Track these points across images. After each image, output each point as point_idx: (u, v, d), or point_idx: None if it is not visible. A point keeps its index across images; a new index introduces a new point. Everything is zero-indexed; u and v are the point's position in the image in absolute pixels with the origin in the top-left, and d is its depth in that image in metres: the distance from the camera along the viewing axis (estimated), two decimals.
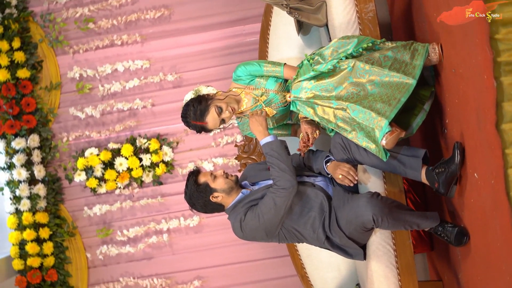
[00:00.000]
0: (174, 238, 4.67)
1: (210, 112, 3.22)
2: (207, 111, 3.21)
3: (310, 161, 3.40)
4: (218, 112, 3.22)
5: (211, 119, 3.22)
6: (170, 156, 4.64)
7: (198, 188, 3.20)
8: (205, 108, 3.21)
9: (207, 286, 4.65)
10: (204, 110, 3.21)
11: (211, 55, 4.64)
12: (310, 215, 3.23)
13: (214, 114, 3.22)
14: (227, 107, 3.25)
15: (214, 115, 3.22)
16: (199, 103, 3.23)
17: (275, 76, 3.36)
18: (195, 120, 3.22)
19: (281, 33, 3.98)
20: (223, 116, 3.24)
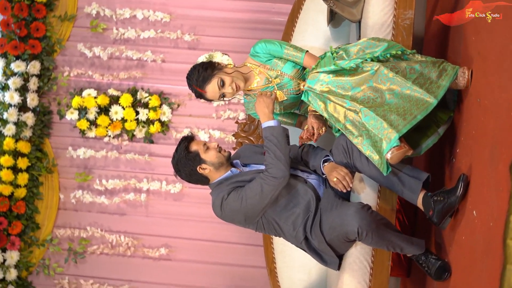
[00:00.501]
0: (152, 200, 4.57)
1: (211, 82, 3.12)
2: (209, 81, 3.12)
3: (308, 156, 3.28)
4: (220, 85, 3.12)
5: (210, 89, 3.13)
6: (168, 116, 4.52)
7: (187, 155, 3.10)
8: (208, 77, 3.12)
9: (173, 256, 4.55)
10: (207, 78, 3.11)
11: (234, 25, 4.53)
12: (294, 211, 3.13)
13: (215, 85, 3.12)
14: (231, 82, 3.15)
15: (214, 87, 3.12)
16: (205, 70, 3.13)
17: (294, 61, 3.26)
18: (196, 85, 3.13)
19: (311, 20, 3.86)
20: (224, 90, 3.14)
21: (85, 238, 4.54)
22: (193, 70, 3.17)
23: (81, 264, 4.59)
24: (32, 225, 4.51)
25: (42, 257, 4.57)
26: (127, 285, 4.52)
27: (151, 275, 4.55)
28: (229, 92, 3.15)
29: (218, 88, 3.12)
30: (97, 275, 4.57)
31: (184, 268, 4.53)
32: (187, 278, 4.52)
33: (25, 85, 4.54)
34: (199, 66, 3.16)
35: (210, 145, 3.14)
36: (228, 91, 3.14)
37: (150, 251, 4.51)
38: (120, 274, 4.56)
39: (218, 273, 4.52)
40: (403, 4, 3.21)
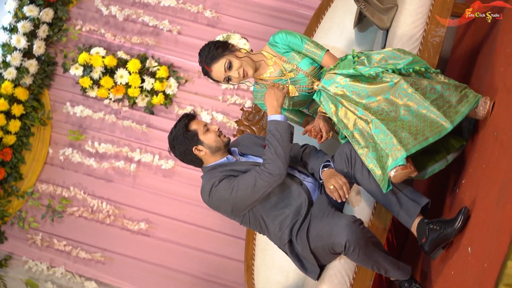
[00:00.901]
0: (141, 172, 4.47)
1: (218, 62, 3.05)
2: (217, 60, 3.05)
3: (309, 158, 3.18)
4: (226, 67, 3.05)
5: (216, 69, 3.07)
6: (173, 90, 4.41)
7: (185, 133, 3.01)
8: (216, 56, 3.05)
9: (151, 233, 4.46)
10: (215, 57, 3.05)
11: (258, 10, 4.42)
12: (284, 211, 3.04)
13: (222, 66, 3.05)
14: (239, 67, 3.07)
15: (220, 67, 3.06)
16: (216, 48, 3.06)
17: (312, 58, 3.16)
18: (204, 61, 3.08)
19: (337, 19, 3.76)
20: (230, 73, 3.07)
21: (66, 198, 4.44)
22: (205, 46, 3.11)
23: (57, 223, 4.48)
24: (16, 175, 4.40)
25: (20, 209, 4.47)
26: (100, 253, 4.42)
27: (126, 248, 4.45)
28: (235, 77, 3.07)
29: (224, 69, 3.05)
30: (72, 237, 4.47)
31: (161, 246, 4.43)
32: (162, 258, 4.42)
33: (34, 31, 4.43)
34: (212, 44, 3.10)
35: (210, 127, 3.06)
36: (234, 75, 3.06)
37: (130, 223, 4.41)
38: (95, 241, 4.45)
39: (194, 258, 4.42)
40: (435, 21, 3.09)
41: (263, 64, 3.19)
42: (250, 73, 3.11)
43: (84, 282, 4.41)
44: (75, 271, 4.42)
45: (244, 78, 3.10)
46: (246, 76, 3.10)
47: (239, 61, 3.07)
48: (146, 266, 4.42)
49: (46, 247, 4.44)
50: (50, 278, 4.44)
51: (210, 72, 3.09)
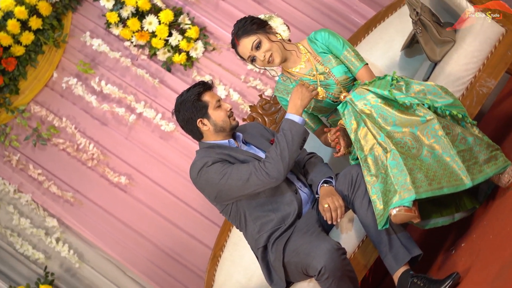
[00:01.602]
0: (138, 126, 4.30)
1: (248, 38, 2.93)
2: (247, 35, 2.93)
3: (311, 168, 3.02)
4: (255, 45, 2.92)
5: (244, 44, 2.94)
6: (198, 54, 4.24)
7: (195, 101, 2.87)
8: (249, 31, 2.93)
9: (130, 190, 4.30)
10: (247, 32, 2.93)
11: (309, 1, 4.24)
12: (268, 215, 2.89)
13: (250, 43, 2.92)
14: (267, 50, 2.94)
15: (248, 44, 2.93)
16: (251, 24, 2.94)
17: (348, 67, 3.02)
18: (235, 33, 2.97)
19: (387, 36, 3.59)
20: (256, 54, 2.94)
21: (55, 127, 4.28)
22: (243, 18, 3.00)
23: (38, 149, 4.33)
24: (13, 87, 4.23)
25: (6, 123, 4.30)
26: (72, 193, 4.26)
27: (99, 197, 4.31)
28: (260, 59, 2.94)
29: (252, 47, 2.92)
30: (49, 168, 4.31)
31: (134, 207, 4.28)
32: (132, 218, 4.28)
33: None
34: (250, 18, 2.99)
35: (223, 105, 2.92)
36: (260, 57, 2.93)
37: (111, 173, 4.24)
38: (71, 179, 4.30)
39: (164, 230, 4.28)
40: (489, 70, 2.92)
41: (295, 57, 3.05)
42: (277, 60, 2.97)
43: (46, 217, 4.26)
44: (41, 203, 4.26)
45: (269, 64, 2.97)
46: (272, 63, 2.96)
47: (269, 44, 2.93)
48: (113, 221, 4.27)
49: (20, 169, 4.29)
50: (14, 202, 4.29)
51: (237, 46, 2.97)
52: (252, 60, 2.98)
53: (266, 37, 2.94)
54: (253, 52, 2.94)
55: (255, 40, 2.92)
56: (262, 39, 2.93)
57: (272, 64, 2.99)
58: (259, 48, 2.93)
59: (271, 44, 2.94)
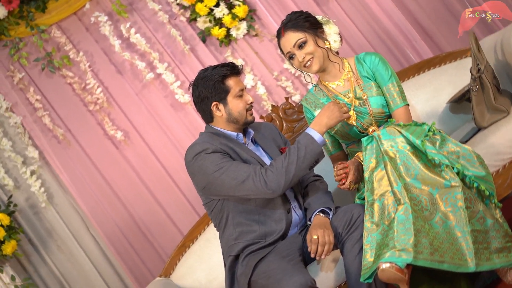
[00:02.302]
0: (153, 86, 4.10)
1: (295, 33, 2.80)
2: (296, 30, 2.80)
3: (312, 192, 2.83)
4: (298, 43, 2.79)
5: (288, 37, 2.81)
6: (238, 35, 4.04)
7: (218, 83, 2.70)
8: (299, 27, 2.80)
9: (122, 148, 4.10)
10: (296, 26, 2.80)
11: (371, 21, 4.04)
12: (251, 225, 2.72)
13: (295, 39, 2.79)
14: (309, 53, 2.80)
15: (292, 39, 2.80)
16: (305, 20, 2.82)
17: (387, 101, 2.84)
18: (285, 23, 2.84)
19: (437, 82, 3.42)
20: (296, 52, 2.81)
21: (69, 59, 4.08)
22: (298, 11, 2.89)
23: (45, 75, 4.13)
24: (40, 3, 3.98)
25: (21, 38, 4.10)
26: (63, 131, 4.07)
27: (89, 144, 4.11)
28: (298, 60, 2.81)
29: (295, 44, 2.79)
30: (49, 97, 4.12)
31: (121, 166, 4.10)
32: (114, 177, 4.10)
33: None
34: (306, 14, 2.86)
35: (245, 95, 2.75)
36: (299, 57, 2.80)
37: (109, 124, 4.06)
38: (66, 116, 4.11)
39: (143, 200, 4.08)
40: None
41: (336, 72, 2.90)
42: (315, 68, 2.83)
43: (29, 146, 4.07)
44: (29, 130, 4.07)
45: (305, 68, 2.83)
46: (309, 68, 2.83)
47: (314, 47, 2.80)
48: (95, 173, 4.09)
49: (19, 89, 4.10)
50: (2, 120, 4.10)
51: (282, 37, 2.83)
52: (290, 57, 2.84)
53: (314, 40, 2.80)
54: (294, 50, 2.80)
55: (301, 38, 2.78)
56: (309, 39, 2.79)
57: (309, 70, 2.84)
58: (302, 47, 2.79)
59: (315, 48, 2.79)
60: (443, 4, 3.99)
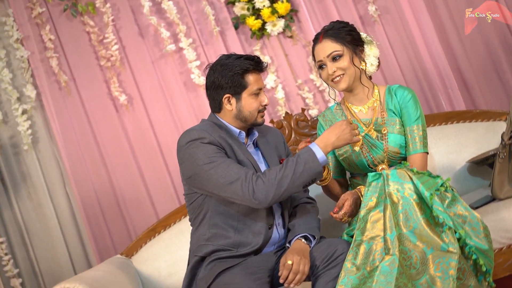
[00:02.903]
0: (172, 59, 3.91)
1: (333, 44, 2.66)
2: (335, 40, 2.66)
3: (301, 214, 2.67)
4: (333, 55, 2.65)
5: (325, 45, 2.67)
6: (272, 32, 3.86)
7: (237, 75, 2.53)
8: (340, 38, 2.66)
9: (122, 111, 3.91)
10: (337, 37, 2.66)
11: (411, 56, 3.86)
12: (227, 231, 2.55)
13: (330, 49, 2.66)
14: (341, 69, 2.66)
15: (328, 49, 2.66)
16: (348, 34, 2.67)
17: (407, 143, 2.67)
18: (324, 30, 2.69)
19: (463, 138, 3.28)
20: (328, 63, 2.66)
21: (95, 8, 3.85)
22: (343, 22, 2.75)
23: (65, 17, 3.91)
24: None
25: None
26: (67, 78, 3.87)
27: (90, 100, 3.92)
28: (328, 72, 2.67)
29: (329, 54, 2.65)
30: (63, 41, 3.90)
31: (115, 131, 3.91)
32: (105, 140, 3.91)
33: None
34: (350, 27, 2.72)
35: (261, 96, 2.59)
36: (329, 69, 2.66)
37: (116, 85, 3.88)
38: (75, 65, 3.90)
39: (128, 172, 3.90)
40: None
41: (362, 96, 2.75)
42: (342, 85, 2.67)
43: (28, 84, 3.88)
44: (33, 67, 3.88)
45: (333, 82, 2.68)
46: (336, 84, 2.67)
47: (348, 64, 2.64)
48: (86, 130, 3.91)
49: (35, 23, 3.92)
50: (9, 49, 3.93)
51: (318, 43, 2.70)
52: (320, 67, 2.69)
53: (350, 56, 2.65)
54: (327, 60, 2.66)
55: (338, 51, 2.64)
56: (346, 54, 2.64)
57: (335, 86, 2.69)
58: (335, 60, 2.64)
59: (349, 65, 2.64)
60: (491, 60, 3.81)
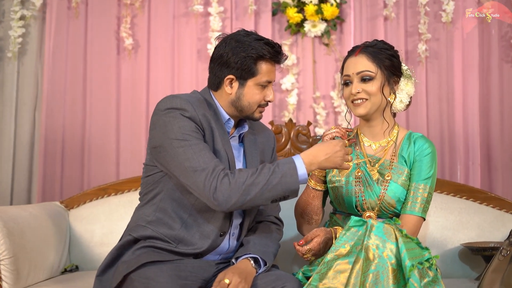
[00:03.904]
0: (194, 20, 3.62)
1: (368, 62, 2.37)
2: (372, 60, 2.37)
3: (261, 232, 2.36)
4: (364, 75, 2.37)
5: (357, 61, 2.38)
6: (308, 32, 3.55)
7: (248, 58, 2.23)
8: (377, 59, 2.37)
9: (123, 55, 3.61)
10: (375, 56, 2.37)
11: (443, 110, 3.56)
12: (174, 221, 2.24)
13: (362, 67, 2.37)
14: (367, 93, 2.37)
15: (360, 65, 2.37)
16: (388, 58, 2.39)
17: (406, 201, 2.37)
18: (364, 46, 2.43)
19: (467, 218, 2.97)
20: (356, 82, 2.38)
21: None
22: (389, 45, 2.46)
23: None
24: None
25: None
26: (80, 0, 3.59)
27: (94, 32, 3.63)
28: (351, 92, 2.39)
29: (359, 72, 2.37)
30: None
31: (108, 75, 3.62)
32: (94, 79, 3.61)
33: None
34: (394, 52, 2.44)
35: (268, 90, 2.30)
36: (353, 89, 2.38)
37: (127, 26, 3.58)
38: None
39: (105, 122, 3.61)
40: None
41: (379, 132, 2.47)
42: (361, 111, 2.40)
43: None
44: None
45: (352, 104, 2.40)
46: (356, 107, 2.39)
47: (376, 91, 2.37)
48: (78, 61, 3.61)
49: None
50: None
51: (352, 56, 2.42)
52: (346, 83, 2.42)
53: (382, 82, 2.38)
54: (355, 77, 2.38)
55: (371, 71, 2.36)
56: (377, 79, 2.37)
57: (354, 109, 2.40)
58: (364, 81, 2.36)
59: (377, 92, 2.36)
60: None
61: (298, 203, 2.51)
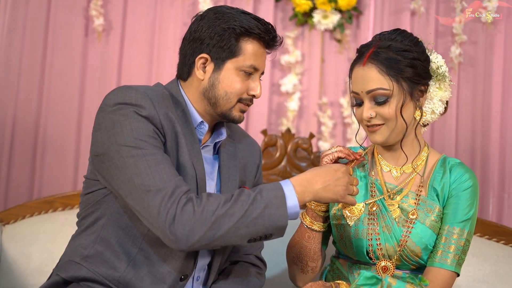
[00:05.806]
0: (181, 3, 3.23)
1: (381, 75, 1.87)
2: (386, 72, 1.87)
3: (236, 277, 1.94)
4: (376, 94, 1.88)
5: (365, 73, 1.89)
6: (317, 24, 3.15)
7: (231, 34, 1.82)
8: (395, 70, 1.87)
9: (91, 39, 3.21)
10: (390, 66, 1.87)
11: (476, 130, 3.13)
12: (118, 258, 1.77)
13: (371, 83, 1.89)
14: (384, 118, 1.89)
15: (368, 81, 1.90)
16: (410, 65, 1.88)
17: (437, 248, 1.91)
18: (374, 48, 1.90)
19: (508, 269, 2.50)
20: (367, 102, 1.91)
21: None
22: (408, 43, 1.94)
23: None
24: None
25: None
26: None
27: (59, 4, 3.20)
28: (362, 114, 1.94)
29: (370, 91, 1.90)
30: None
31: (70, 57, 3.20)
32: (54, 62, 3.17)
33: None
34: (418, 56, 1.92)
35: (253, 82, 1.88)
36: (365, 112, 1.93)
37: (99, 2, 3.16)
38: None
39: (61, 119, 3.17)
40: None
41: (401, 156, 2.02)
42: (379, 139, 1.95)
43: None
44: None
45: (368, 128, 1.97)
46: (371, 134, 1.96)
47: (393, 114, 1.90)
48: (38, 39, 3.16)
49: None
50: None
51: (359, 64, 1.94)
52: (356, 104, 1.98)
53: (401, 101, 1.90)
54: (365, 97, 1.92)
55: (384, 89, 1.88)
56: (394, 97, 1.90)
57: (369, 135, 1.97)
58: (378, 104, 1.89)
59: (394, 116, 1.90)
60: None
61: (290, 246, 2.05)
